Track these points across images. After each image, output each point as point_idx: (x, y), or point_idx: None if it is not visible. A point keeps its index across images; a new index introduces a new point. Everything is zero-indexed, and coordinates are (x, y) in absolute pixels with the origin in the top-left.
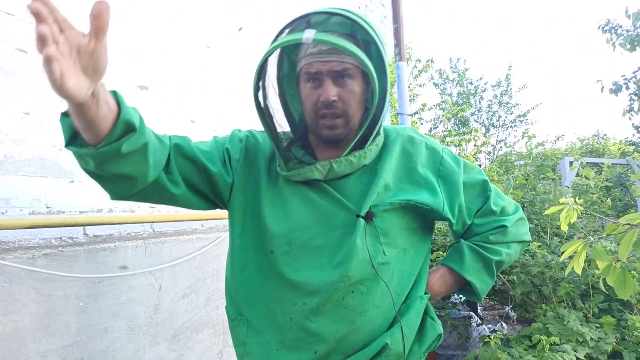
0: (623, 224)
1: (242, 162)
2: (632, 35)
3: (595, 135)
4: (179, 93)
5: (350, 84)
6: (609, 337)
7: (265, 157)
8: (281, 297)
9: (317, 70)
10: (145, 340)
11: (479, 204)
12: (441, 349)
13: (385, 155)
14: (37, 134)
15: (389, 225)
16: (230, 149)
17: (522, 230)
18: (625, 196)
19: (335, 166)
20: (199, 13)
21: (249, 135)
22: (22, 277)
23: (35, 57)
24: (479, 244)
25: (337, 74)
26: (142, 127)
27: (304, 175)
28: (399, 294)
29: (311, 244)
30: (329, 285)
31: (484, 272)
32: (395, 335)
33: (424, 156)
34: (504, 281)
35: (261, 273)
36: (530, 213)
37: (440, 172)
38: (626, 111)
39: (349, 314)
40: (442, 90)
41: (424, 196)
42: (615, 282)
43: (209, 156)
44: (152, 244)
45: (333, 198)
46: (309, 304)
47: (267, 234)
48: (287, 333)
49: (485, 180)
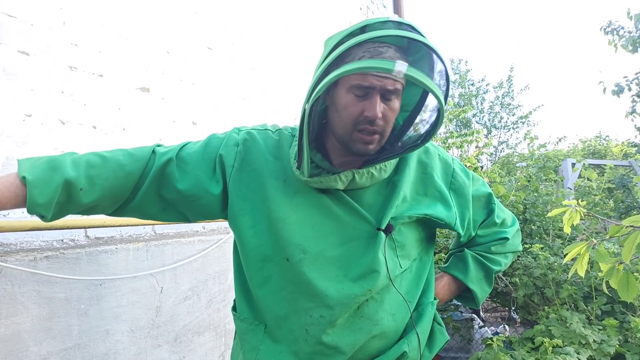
0: (626, 226)
1: (237, 167)
2: (634, 36)
3: (597, 137)
4: (180, 95)
5: (395, 103)
6: (611, 339)
7: (270, 157)
8: (297, 307)
9: (370, 84)
10: (147, 342)
11: (484, 216)
12: (444, 352)
13: (403, 166)
14: (38, 136)
15: (405, 237)
16: (224, 154)
17: (517, 241)
18: (628, 198)
19: (357, 177)
20: (200, 15)
21: (247, 138)
22: (24, 279)
23: (36, 60)
24: (482, 254)
25: (389, 92)
26: (62, 198)
27: (325, 184)
28: (410, 301)
29: (327, 254)
30: (350, 298)
31: (484, 281)
32: (412, 343)
33: (438, 168)
34: (507, 283)
35: (277, 280)
36: (532, 215)
37: (452, 184)
38: (629, 113)
39: (366, 323)
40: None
41: (440, 210)
42: (618, 285)
43: (189, 183)
44: (153, 246)
45: (352, 209)
46: (327, 317)
47: (282, 241)
48: (302, 345)
49: (490, 194)
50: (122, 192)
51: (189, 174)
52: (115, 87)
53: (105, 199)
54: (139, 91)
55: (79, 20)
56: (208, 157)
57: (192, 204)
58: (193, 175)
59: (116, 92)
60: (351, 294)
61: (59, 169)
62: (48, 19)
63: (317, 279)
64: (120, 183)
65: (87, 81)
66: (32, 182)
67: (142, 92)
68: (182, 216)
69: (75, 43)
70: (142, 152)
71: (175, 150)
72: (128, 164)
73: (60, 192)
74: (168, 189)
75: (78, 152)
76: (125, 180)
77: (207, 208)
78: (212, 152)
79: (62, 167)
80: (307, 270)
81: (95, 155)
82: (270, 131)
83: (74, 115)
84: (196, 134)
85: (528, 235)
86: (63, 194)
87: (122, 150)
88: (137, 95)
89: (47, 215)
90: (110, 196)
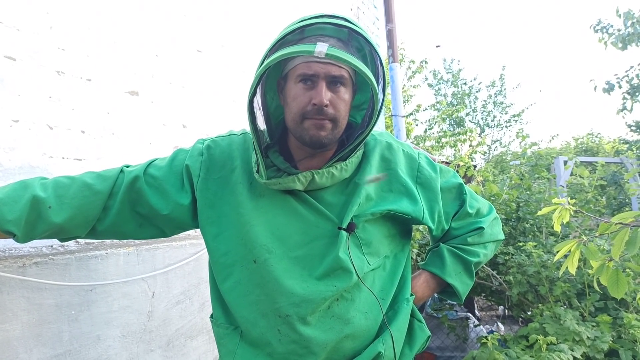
0: (615, 223)
1: (202, 176)
2: (623, 34)
3: (589, 134)
4: (170, 98)
5: (343, 91)
6: (605, 335)
7: (237, 163)
8: (266, 308)
9: (314, 72)
10: (139, 347)
11: (456, 208)
12: (439, 351)
13: (365, 165)
14: (26, 142)
15: (371, 235)
16: (190, 164)
17: (496, 229)
18: (620, 194)
19: (317, 178)
20: (189, 17)
21: (211, 146)
22: (13, 286)
23: (23, 65)
24: (457, 246)
25: (334, 79)
26: (34, 218)
27: (284, 185)
28: (384, 299)
29: (291, 254)
30: (315, 294)
31: (464, 274)
32: (387, 342)
33: (402, 163)
34: (501, 281)
35: (245, 284)
36: (525, 213)
37: (418, 179)
38: (620, 110)
39: (337, 322)
40: (437, 91)
41: (405, 205)
42: (608, 282)
43: (159, 198)
44: (144, 251)
45: (315, 209)
46: (294, 315)
47: (249, 244)
48: (276, 346)
49: (461, 184)
50: (91, 211)
51: (158, 188)
52: (103, 91)
53: (76, 218)
54: (127, 95)
55: (65, 25)
56: (176, 170)
57: (165, 217)
58: (162, 189)
59: (105, 96)
60: (316, 290)
61: (28, 188)
62: (34, 24)
63: (282, 277)
64: (89, 202)
65: (75, 86)
66: (2, 199)
67: (131, 96)
68: (159, 231)
69: (62, 47)
70: (110, 172)
71: (143, 167)
72: (96, 184)
73: (29, 209)
74: (142, 205)
75: (48, 177)
76: (94, 198)
77: (180, 220)
78: (179, 164)
79: (31, 186)
80: (273, 269)
81: (64, 177)
82: (235, 135)
83: (62, 120)
84: (187, 137)
85: (521, 234)
86: (32, 212)
87: (91, 172)
88: (126, 99)
89: (18, 232)
90: (80, 215)
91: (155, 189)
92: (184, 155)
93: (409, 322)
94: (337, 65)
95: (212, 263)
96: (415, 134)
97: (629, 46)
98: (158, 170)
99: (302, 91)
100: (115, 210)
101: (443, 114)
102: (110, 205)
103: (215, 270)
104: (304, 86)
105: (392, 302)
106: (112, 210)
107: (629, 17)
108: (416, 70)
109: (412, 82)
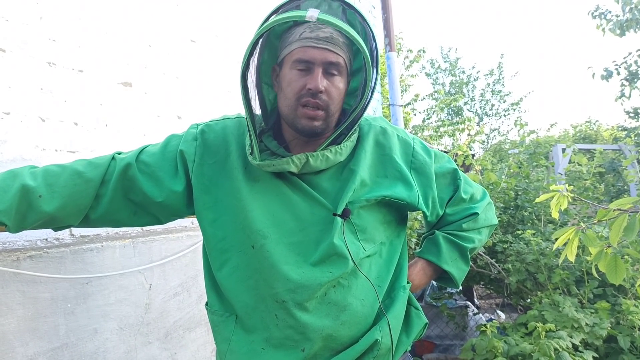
0: (613, 209)
1: (197, 161)
2: (621, 20)
3: (587, 122)
4: (164, 89)
5: (338, 80)
6: (603, 322)
7: (232, 148)
8: (264, 293)
9: (310, 57)
10: (137, 340)
11: (450, 193)
12: (439, 339)
13: (359, 150)
14: (18, 134)
15: (366, 221)
16: (185, 150)
17: (490, 214)
18: (618, 181)
19: (312, 160)
20: (183, 7)
21: (205, 130)
22: (7, 279)
23: (13, 56)
24: (453, 233)
25: (330, 65)
26: (25, 209)
27: (278, 167)
28: (380, 285)
29: (286, 240)
30: (311, 281)
31: (460, 260)
32: (384, 329)
33: (397, 148)
34: (499, 270)
35: (243, 270)
36: (524, 201)
37: (413, 164)
38: (618, 97)
39: (333, 309)
40: (435, 80)
41: (400, 190)
42: (606, 268)
43: (152, 185)
44: (140, 243)
45: (309, 195)
46: (290, 301)
47: (246, 229)
48: (273, 330)
49: (455, 169)
50: (83, 200)
51: (151, 175)
52: (96, 82)
53: (67, 207)
54: (120, 86)
55: (56, 15)
56: (169, 156)
57: (159, 204)
58: (155, 176)
59: (97, 87)
60: (312, 276)
61: (17, 177)
62: (24, 14)
63: (278, 263)
64: (80, 190)
65: (67, 77)
66: None
67: (124, 87)
68: (153, 218)
69: (53, 38)
70: (102, 160)
71: (135, 153)
72: (87, 172)
73: (19, 199)
74: (135, 192)
75: (38, 165)
76: (86, 187)
77: (174, 207)
78: (172, 150)
79: (20, 175)
80: (269, 254)
81: (55, 165)
82: (229, 119)
83: (54, 112)
84: (181, 128)
85: (520, 222)
86: (23, 202)
87: (82, 160)
88: (119, 90)
89: (8, 223)
90: (72, 204)
91: (149, 176)
92: (177, 141)
93: (406, 310)
94: (334, 52)
95: (208, 249)
96: (413, 124)
97: (627, 32)
98: (150, 157)
99: (297, 76)
100: (108, 199)
101: (441, 103)
102: (102, 194)
103: (211, 256)
104: (300, 72)
105: (389, 289)
106: (104, 198)
107: (627, 2)
108: (414, 60)
109: (409, 71)
